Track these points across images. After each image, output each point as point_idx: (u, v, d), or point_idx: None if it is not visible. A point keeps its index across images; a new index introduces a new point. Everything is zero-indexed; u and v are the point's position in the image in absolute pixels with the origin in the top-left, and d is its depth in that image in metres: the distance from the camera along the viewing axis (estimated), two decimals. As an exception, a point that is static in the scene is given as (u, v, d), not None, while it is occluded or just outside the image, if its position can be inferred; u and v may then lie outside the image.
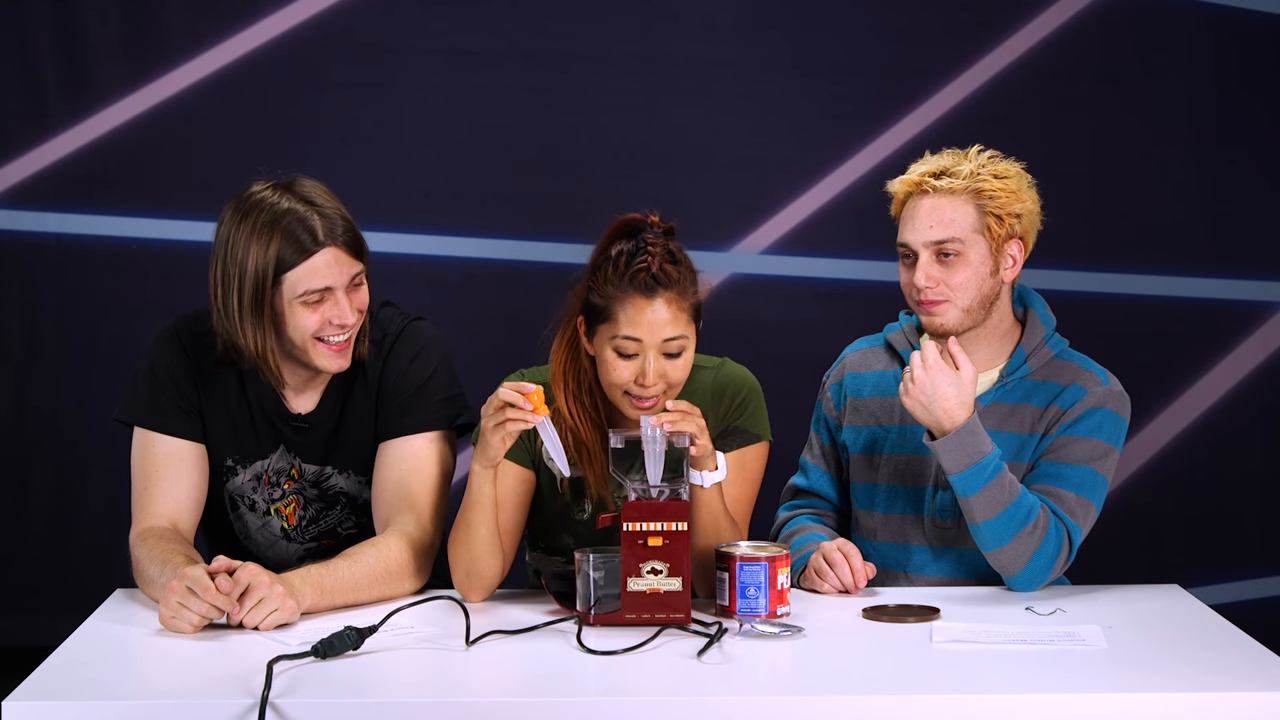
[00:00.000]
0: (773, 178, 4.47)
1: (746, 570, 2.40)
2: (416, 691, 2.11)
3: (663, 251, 2.52)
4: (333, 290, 2.53)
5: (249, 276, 2.50)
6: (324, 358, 2.56)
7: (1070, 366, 2.77)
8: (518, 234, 4.38)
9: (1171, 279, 4.54)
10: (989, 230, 2.69)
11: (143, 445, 2.63)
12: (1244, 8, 4.51)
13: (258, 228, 2.50)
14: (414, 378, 2.65)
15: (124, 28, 4.35)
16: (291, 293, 2.51)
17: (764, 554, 2.41)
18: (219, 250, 2.54)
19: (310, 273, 2.51)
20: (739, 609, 2.40)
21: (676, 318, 2.51)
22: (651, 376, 2.50)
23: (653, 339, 2.50)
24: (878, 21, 4.48)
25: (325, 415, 2.67)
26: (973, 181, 2.69)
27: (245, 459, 2.69)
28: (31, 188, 4.36)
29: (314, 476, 2.70)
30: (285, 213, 2.51)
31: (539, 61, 4.43)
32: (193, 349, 2.64)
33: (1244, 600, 4.51)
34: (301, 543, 2.74)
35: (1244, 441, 4.54)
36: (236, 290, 2.51)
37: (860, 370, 2.87)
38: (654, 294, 2.49)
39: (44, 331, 4.40)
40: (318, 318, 2.53)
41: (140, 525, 2.57)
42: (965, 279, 2.69)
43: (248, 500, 2.71)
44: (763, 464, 2.69)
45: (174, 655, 2.24)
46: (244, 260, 2.50)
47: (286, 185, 2.55)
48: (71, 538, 4.39)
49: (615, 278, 2.51)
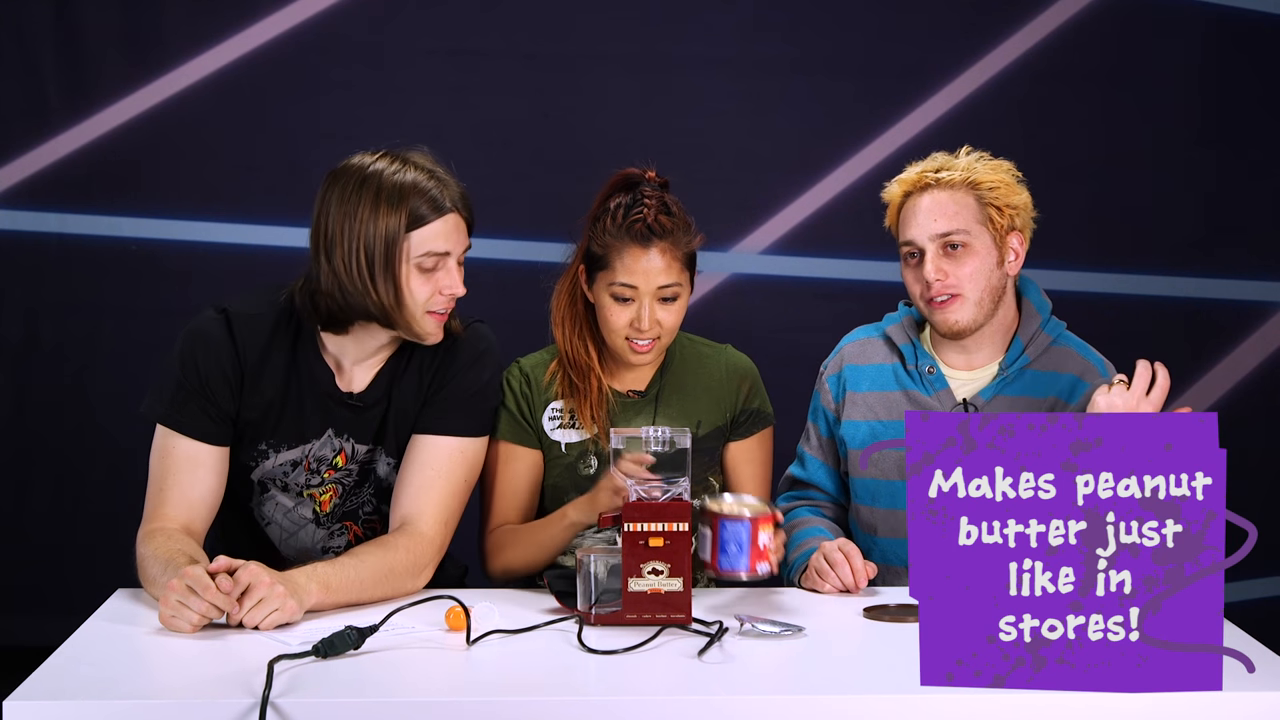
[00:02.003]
0: (773, 178, 4.48)
1: (729, 528, 2.41)
2: (416, 691, 2.11)
3: (658, 203, 2.68)
4: (448, 257, 2.58)
5: (378, 238, 2.53)
6: (428, 325, 2.60)
7: (1070, 354, 2.77)
8: (518, 234, 4.38)
9: (1171, 279, 4.54)
10: (991, 221, 2.70)
11: (163, 444, 2.62)
12: (1243, 8, 4.52)
13: (384, 191, 2.54)
14: (471, 380, 2.68)
15: (124, 28, 4.36)
16: (414, 253, 2.55)
17: (747, 512, 2.42)
18: (334, 216, 2.56)
19: (435, 235, 2.56)
20: (720, 564, 2.42)
21: (670, 266, 2.67)
22: (647, 322, 2.67)
23: (648, 286, 2.66)
24: (878, 21, 4.48)
25: (378, 394, 2.68)
26: (970, 174, 2.71)
27: (283, 443, 2.68)
28: (31, 188, 4.36)
29: (364, 457, 2.70)
30: (413, 179, 2.56)
31: (539, 61, 4.44)
32: (245, 337, 2.63)
33: (1244, 600, 4.51)
34: (328, 527, 2.74)
35: (1244, 442, 4.52)
36: (363, 253, 2.54)
37: (858, 362, 2.87)
38: (649, 243, 2.66)
39: (44, 331, 4.40)
40: (430, 286, 2.57)
41: (149, 524, 2.56)
42: (974, 270, 2.70)
43: (280, 483, 2.71)
44: (773, 439, 2.86)
45: (175, 655, 2.24)
46: (370, 224, 2.53)
47: (402, 156, 2.60)
48: (71, 538, 4.39)
49: (613, 228, 2.68)
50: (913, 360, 2.81)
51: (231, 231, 4.36)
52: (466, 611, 2.29)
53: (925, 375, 2.79)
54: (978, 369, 2.79)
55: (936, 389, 2.79)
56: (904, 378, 2.82)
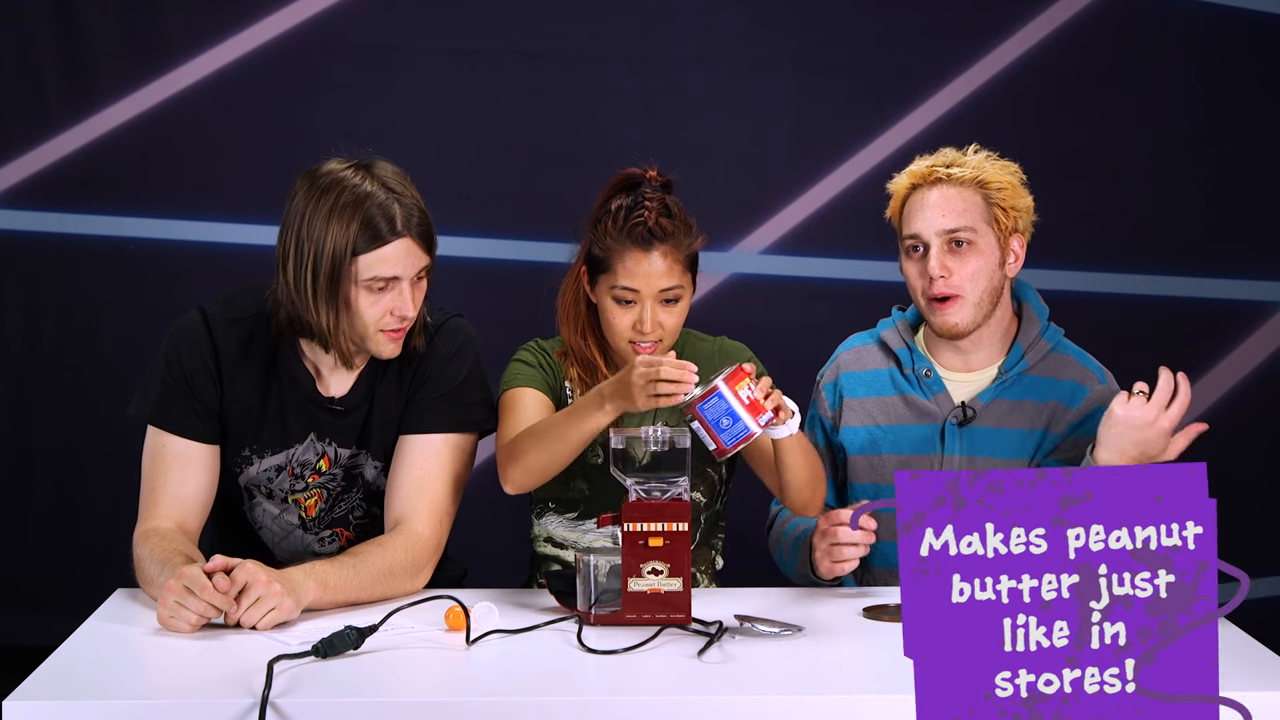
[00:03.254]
0: (773, 178, 4.47)
1: (708, 407, 2.40)
2: (416, 691, 2.11)
3: (659, 206, 2.67)
4: (399, 280, 2.54)
5: (325, 255, 2.50)
6: (381, 344, 2.57)
7: (1068, 362, 2.77)
8: (518, 234, 4.38)
9: (1171, 279, 4.54)
10: (997, 222, 2.70)
11: (154, 444, 2.62)
12: (1243, 7, 4.52)
13: (338, 207, 2.50)
14: (450, 376, 2.67)
15: (124, 28, 4.36)
16: (361, 276, 2.52)
17: (717, 379, 2.40)
18: (293, 224, 2.53)
19: (381, 260, 2.51)
20: (725, 443, 2.40)
21: (671, 269, 2.66)
22: (649, 324, 2.66)
23: (649, 289, 2.65)
24: (878, 21, 4.48)
25: (359, 398, 2.67)
26: (980, 172, 2.70)
27: (266, 448, 2.67)
28: (31, 188, 4.36)
29: (348, 462, 2.70)
30: (367, 196, 2.50)
31: (539, 61, 4.43)
32: (222, 336, 2.63)
33: (1244, 600, 4.50)
34: (316, 533, 2.74)
35: (1244, 441, 4.53)
36: (311, 267, 2.51)
37: (855, 369, 2.87)
38: (650, 247, 2.65)
39: (44, 331, 4.40)
40: (380, 307, 2.54)
41: (145, 524, 2.57)
42: (977, 269, 2.69)
43: (264, 489, 2.71)
44: None
45: (174, 655, 2.24)
46: (321, 238, 2.50)
47: (367, 167, 2.55)
48: (71, 538, 4.39)
49: (614, 231, 2.67)
50: (909, 364, 2.81)
51: (232, 231, 4.36)
52: (466, 611, 2.29)
53: (922, 379, 2.79)
54: (975, 371, 2.79)
55: (934, 392, 2.78)
56: (901, 382, 2.81)
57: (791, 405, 2.49)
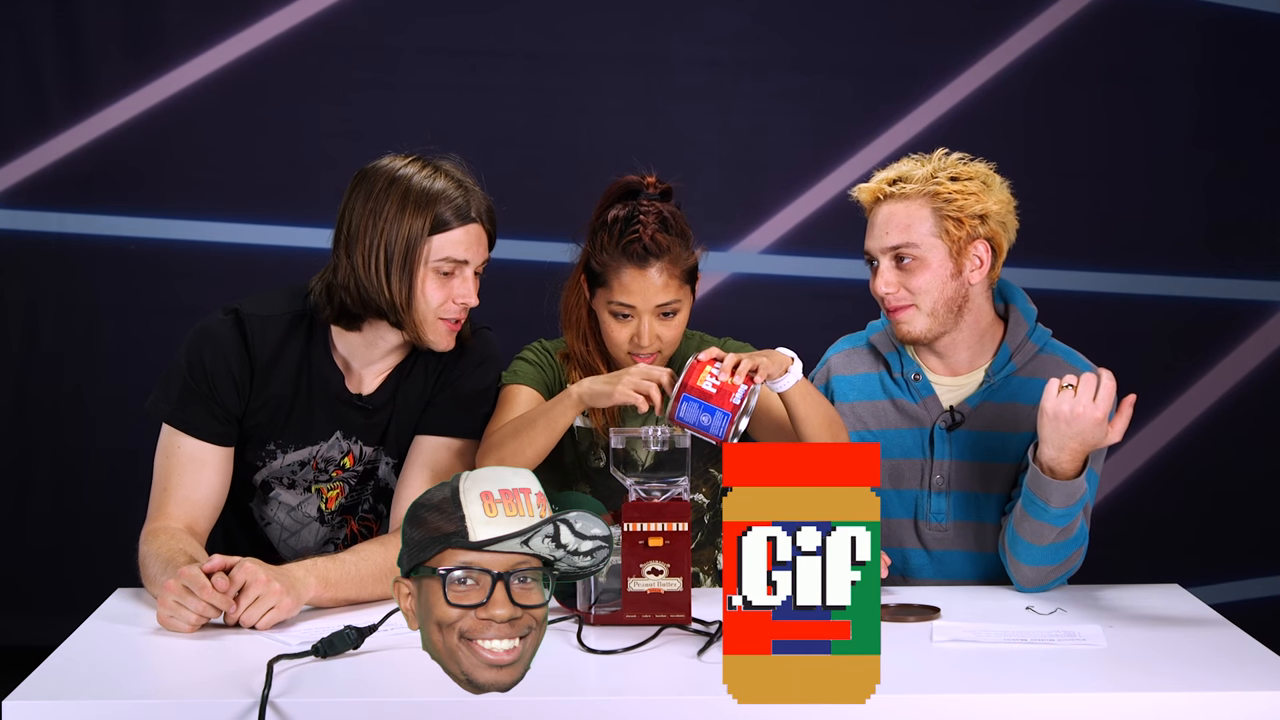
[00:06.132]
0: (773, 178, 4.47)
1: (684, 413, 2.41)
2: (416, 691, 2.11)
3: (655, 220, 2.64)
4: (465, 266, 2.58)
5: (400, 235, 2.55)
6: (440, 334, 2.61)
7: (1056, 362, 2.77)
8: (517, 234, 4.37)
9: (1171, 279, 4.54)
10: (948, 234, 2.69)
11: (169, 443, 2.63)
12: (1243, 7, 4.52)
13: (413, 192, 2.56)
14: (473, 383, 2.69)
15: (124, 28, 4.36)
16: (433, 256, 2.56)
17: (674, 388, 2.41)
18: (363, 216, 2.57)
19: (455, 241, 2.57)
20: (718, 434, 2.41)
21: (669, 284, 2.65)
22: (647, 338, 2.65)
23: (646, 305, 2.64)
24: (878, 21, 4.48)
25: (386, 397, 2.69)
26: (926, 186, 2.69)
27: (291, 443, 2.68)
28: (31, 188, 4.36)
29: (371, 459, 2.71)
30: (442, 187, 2.58)
31: (539, 61, 4.44)
32: (258, 335, 2.64)
33: (1244, 600, 4.51)
34: (331, 524, 2.75)
35: (1244, 441, 4.54)
36: (384, 247, 2.55)
37: (845, 373, 2.87)
38: (646, 264, 2.63)
39: (44, 331, 4.40)
40: (445, 293, 2.58)
41: (153, 523, 2.57)
42: (924, 283, 2.70)
43: (286, 481, 2.71)
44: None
45: (174, 655, 2.24)
46: (396, 219, 2.55)
47: (434, 164, 2.62)
48: (71, 538, 4.39)
49: (610, 246, 2.65)
50: (898, 368, 2.81)
51: (231, 231, 4.35)
52: (466, 611, 2.28)
53: (911, 383, 2.79)
54: (961, 375, 2.79)
55: (923, 395, 2.78)
56: (890, 386, 2.81)
57: (786, 354, 2.49)
